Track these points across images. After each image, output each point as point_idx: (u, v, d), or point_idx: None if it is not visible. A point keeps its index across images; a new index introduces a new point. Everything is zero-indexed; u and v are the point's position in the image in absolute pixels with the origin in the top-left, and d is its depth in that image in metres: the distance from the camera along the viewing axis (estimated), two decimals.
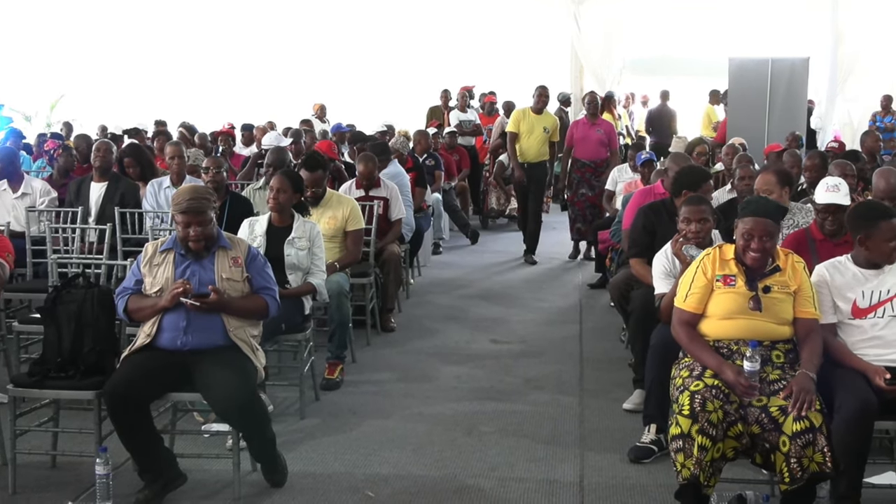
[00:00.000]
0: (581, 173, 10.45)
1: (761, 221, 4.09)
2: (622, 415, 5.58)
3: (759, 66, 12.93)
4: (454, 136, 12.95)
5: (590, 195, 10.41)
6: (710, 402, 3.78)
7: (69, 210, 7.17)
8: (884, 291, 4.18)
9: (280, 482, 4.57)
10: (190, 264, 4.50)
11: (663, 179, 6.67)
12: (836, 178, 5.12)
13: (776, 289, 4.11)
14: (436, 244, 11.13)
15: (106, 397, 4.24)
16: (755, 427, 3.82)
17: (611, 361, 6.64)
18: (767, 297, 4.09)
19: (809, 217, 5.48)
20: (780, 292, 4.11)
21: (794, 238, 5.09)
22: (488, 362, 6.73)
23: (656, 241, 5.44)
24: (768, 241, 4.09)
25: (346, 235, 6.58)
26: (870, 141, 10.58)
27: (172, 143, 8.13)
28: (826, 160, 7.49)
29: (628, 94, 17.33)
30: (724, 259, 4.20)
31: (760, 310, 4.07)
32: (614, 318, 7.38)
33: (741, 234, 4.14)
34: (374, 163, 7.87)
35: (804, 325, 4.12)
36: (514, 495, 4.49)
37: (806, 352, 4.03)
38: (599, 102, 11.10)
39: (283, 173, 5.95)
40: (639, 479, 4.68)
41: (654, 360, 4.74)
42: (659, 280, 4.96)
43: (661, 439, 4.79)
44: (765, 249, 4.09)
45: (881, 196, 5.68)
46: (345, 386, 6.15)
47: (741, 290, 4.11)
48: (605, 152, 10.50)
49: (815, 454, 3.70)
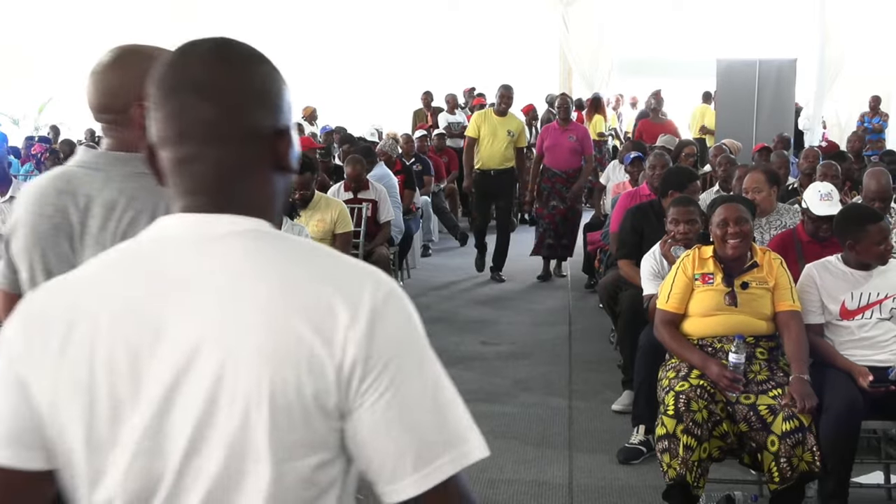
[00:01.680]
0: (551, 183, 9.35)
1: (733, 206, 4.26)
2: (611, 416, 5.59)
3: (747, 67, 12.97)
4: (443, 138, 12.93)
5: (561, 208, 9.35)
6: (694, 402, 3.80)
7: None
8: (873, 294, 4.20)
9: None
10: None
11: (648, 178, 6.71)
12: (827, 186, 5.09)
13: (754, 284, 4.17)
14: (425, 246, 11.10)
15: None
16: (743, 425, 3.83)
17: (600, 363, 6.65)
18: (746, 293, 4.15)
19: (797, 218, 5.49)
20: (758, 288, 4.16)
21: (780, 239, 5.11)
22: (477, 364, 6.73)
23: (644, 242, 5.47)
24: (745, 225, 4.19)
25: (334, 238, 6.57)
26: (854, 141, 10.71)
27: None
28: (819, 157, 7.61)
29: (617, 95, 17.35)
30: (703, 258, 4.28)
31: (736, 305, 4.13)
32: (603, 319, 7.38)
33: (716, 224, 4.25)
34: (361, 165, 7.87)
35: (784, 316, 4.15)
36: (503, 497, 4.50)
37: (793, 350, 4.04)
38: (572, 106, 10.24)
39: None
40: (628, 480, 4.69)
41: (642, 361, 4.75)
42: (647, 281, 4.97)
43: (650, 440, 4.80)
44: (742, 234, 4.18)
45: (872, 197, 5.69)
46: None
47: (719, 287, 4.18)
48: (579, 161, 9.44)
49: (805, 453, 3.72)
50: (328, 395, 1.24)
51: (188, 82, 1.30)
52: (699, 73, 15.68)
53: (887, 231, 4.24)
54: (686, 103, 16.15)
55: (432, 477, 1.27)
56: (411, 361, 1.28)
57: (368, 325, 1.25)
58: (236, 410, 1.22)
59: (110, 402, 1.24)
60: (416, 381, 1.28)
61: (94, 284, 1.30)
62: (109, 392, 1.24)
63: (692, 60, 16.84)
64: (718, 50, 14.61)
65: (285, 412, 1.22)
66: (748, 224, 4.26)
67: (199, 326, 1.23)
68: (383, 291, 1.29)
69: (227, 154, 1.32)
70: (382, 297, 1.28)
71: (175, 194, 1.34)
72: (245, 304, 1.24)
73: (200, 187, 1.32)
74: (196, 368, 1.22)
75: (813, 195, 4.96)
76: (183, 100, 1.30)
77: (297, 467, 1.25)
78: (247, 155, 1.33)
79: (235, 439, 1.23)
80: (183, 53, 1.33)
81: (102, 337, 1.25)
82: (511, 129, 9.29)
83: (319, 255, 1.33)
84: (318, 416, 1.24)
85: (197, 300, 1.25)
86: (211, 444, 1.23)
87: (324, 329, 1.23)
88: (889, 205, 5.81)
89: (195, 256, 1.28)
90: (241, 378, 1.22)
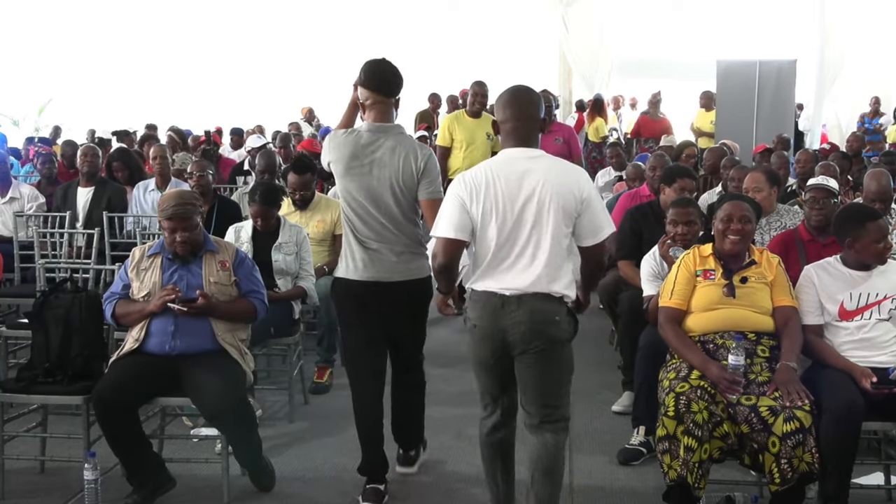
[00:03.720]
0: None
1: (738, 205, 4.33)
2: (611, 417, 5.59)
3: (747, 68, 12.99)
4: None
5: None
6: (694, 403, 3.80)
7: (57, 215, 7.16)
8: (872, 295, 4.20)
9: (268, 486, 4.57)
10: (177, 269, 4.50)
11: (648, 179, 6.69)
12: (830, 179, 5.30)
13: (753, 279, 4.23)
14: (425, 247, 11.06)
15: (94, 402, 4.22)
16: (744, 426, 3.83)
17: (600, 363, 6.64)
18: (745, 287, 4.20)
19: (797, 219, 5.50)
20: (757, 282, 4.23)
21: (781, 238, 5.12)
22: None
23: (643, 242, 5.47)
24: (747, 224, 4.28)
25: (334, 239, 6.56)
26: (853, 141, 10.74)
27: (156, 145, 8.12)
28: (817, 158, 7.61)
29: (617, 96, 17.36)
30: (703, 256, 4.35)
31: (734, 296, 4.17)
32: (603, 320, 7.38)
33: (720, 220, 4.32)
34: None
35: (782, 312, 4.19)
36: None
37: (786, 342, 4.09)
38: (554, 102, 9.30)
39: (259, 200, 5.81)
40: (628, 482, 4.69)
41: (642, 362, 4.76)
42: (647, 282, 4.98)
43: (650, 441, 4.80)
44: (743, 232, 4.26)
45: (873, 197, 5.70)
46: (334, 389, 6.15)
47: (720, 282, 4.24)
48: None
49: (805, 454, 3.72)
50: (575, 209, 3.60)
51: (517, 98, 3.75)
52: (699, 74, 15.67)
53: (886, 230, 4.24)
54: (686, 104, 16.15)
55: (599, 237, 3.67)
56: (596, 204, 3.68)
57: (589, 193, 3.64)
58: (549, 213, 3.58)
59: (503, 216, 3.60)
60: (596, 213, 3.66)
61: (492, 170, 3.65)
62: (503, 211, 3.60)
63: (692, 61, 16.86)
64: (718, 51, 14.63)
65: (563, 212, 3.58)
66: (751, 224, 4.32)
67: (533, 185, 3.59)
68: (591, 187, 3.71)
69: (531, 126, 3.75)
70: (589, 189, 3.67)
71: (507, 142, 3.73)
72: (548, 176, 3.60)
73: (521, 140, 3.71)
74: (533, 198, 3.58)
75: (813, 179, 5.26)
76: (518, 104, 3.73)
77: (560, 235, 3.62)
78: (534, 127, 3.76)
79: (545, 222, 3.60)
80: (514, 91, 3.77)
81: (499, 191, 3.60)
82: (490, 132, 8.14)
83: (568, 167, 3.74)
84: (571, 216, 3.61)
85: (531, 176, 3.60)
86: (539, 226, 3.60)
87: (574, 189, 3.61)
88: (889, 206, 5.82)
89: (526, 161, 3.65)
90: (549, 201, 3.57)
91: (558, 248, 3.60)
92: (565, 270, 3.64)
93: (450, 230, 3.63)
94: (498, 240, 3.61)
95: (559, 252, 3.61)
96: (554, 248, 3.59)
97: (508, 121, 3.69)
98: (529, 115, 3.69)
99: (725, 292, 4.18)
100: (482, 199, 3.60)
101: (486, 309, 3.66)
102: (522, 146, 3.66)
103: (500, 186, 3.59)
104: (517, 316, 3.61)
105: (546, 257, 3.58)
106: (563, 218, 3.58)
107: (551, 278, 3.60)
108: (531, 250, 3.60)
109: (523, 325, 3.61)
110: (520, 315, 3.61)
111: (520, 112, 3.69)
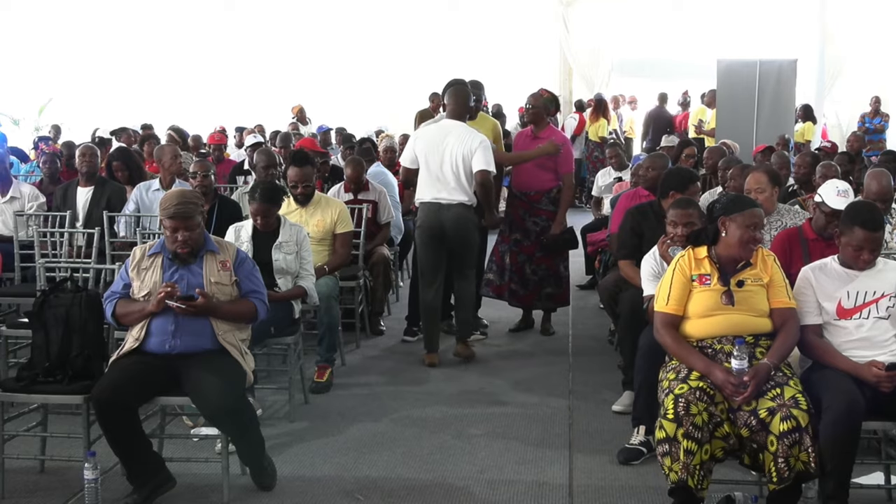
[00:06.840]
0: (526, 206, 7.33)
1: (760, 213, 4.22)
2: (611, 417, 5.59)
3: (748, 68, 12.99)
4: None
5: (526, 245, 7.28)
6: (693, 405, 3.79)
7: (57, 214, 7.15)
8: (869, 293, 4.18)
9: (269, 486, 4.57)
10: (178, 268, 4.49)
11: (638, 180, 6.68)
12: (844, 183, 5.06)
13: (749, 282, 4.17)
14: None
15: (94, 402, 4.22)
16: (744, 430, 3.82)
17: (600, 363, 6.65)
18: (742, 291, 4.14)
19: (797, 218, 5.49)
20: (753, 284, 4.16)
21: (785, 236, 5.08)
22: (478, 364, 6.73)
23: (644, 242, 5.46)
24: (760, 233, 4.23)
25: (334, 238, 6.56)
26: (853, 141, 10.73)
27: (168, 145, 8.12)
28: (818, 159, 7.57)
29: (617, 96, 17.35)
30: (698, 259, 4.26)
31: (733, 304, 4.12)
32: (604, 319, 7.39)
33: (744, 225, 4.13)
34: (362, 167, 7.86)
35: (780, 313, 4.15)
36: (503, 498, 4.49)
37: (776, 342, 4.06)
38: (551, 106, 7.84)
39: (259, 198, 5.79)
40: (628, 481, 4.69)
41: (642, 361, 4.75)
42: (647, 282, 4.97)
43: (651, 441, 4.79)
44: (759, 241, 4.21)
45: (874, 198, 5.67)
46: (334, 389, 6.15)
47: (716, 287, 4.17)
48: (551, 179, 7.28)
49: (801, 453, 3.71)
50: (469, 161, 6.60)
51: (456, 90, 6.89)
52: (699, 73, 15.69)
53: (870, 239, 4.17)
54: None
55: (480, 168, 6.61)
56: (480, 153, 6.60)
57: (480, 147, 6.55)
58: (457, 161, 6.56)
59: (426, 159, 6.67)
60: (477, 158, 6.62)
61: (429, 132, 6.79)
62: (426, 156, 6.66)
63: (692, 61, 16.86)
64: (719, 51, 14.63)
65: (464, 164, 6.56)
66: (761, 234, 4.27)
67: (450, 141, 6.67)
68: (480, 139, 6.59)
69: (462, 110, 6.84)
70: (480, 140, 6.56)
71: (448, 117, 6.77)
72: (459, 138, 6.59)
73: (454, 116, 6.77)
74: (448, 151, 6.55)
75: (830, 191, 4.92)
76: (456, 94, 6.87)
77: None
78: (464, 112, 6.87)
79: (454, 169, 6.58)
80: (454, 84, 6.88)
81: (429, 144, 6.66)
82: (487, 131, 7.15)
83: (472, 132, 6.65)
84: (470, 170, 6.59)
85: (450, 137, 6.59)
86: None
87: (468, 147, 6.56)
88: (890, 206, 5.81)
89: (453, 127, 6.66)
90: (458, 154, 6.54)
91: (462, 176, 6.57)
92: (467, 190, 6.53)
93: (406, 162, 6.85)
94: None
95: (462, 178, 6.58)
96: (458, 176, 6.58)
97: (450, 104, 6.74)
98: (463, 102, 6.73)
99: (724, 301, 4.13)
100: (415, 145, 6.77)
101: (425, 211, 6.64)
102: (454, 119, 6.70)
103: (428, 142, 6.66)
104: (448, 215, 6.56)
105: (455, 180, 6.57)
106: (463, 167, 6.56)
107: (460, 193, 6.53)
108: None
109: (450, 222, 6.54)
110: (449, 215, 6.54)
111: (456, 100, 6.71)
